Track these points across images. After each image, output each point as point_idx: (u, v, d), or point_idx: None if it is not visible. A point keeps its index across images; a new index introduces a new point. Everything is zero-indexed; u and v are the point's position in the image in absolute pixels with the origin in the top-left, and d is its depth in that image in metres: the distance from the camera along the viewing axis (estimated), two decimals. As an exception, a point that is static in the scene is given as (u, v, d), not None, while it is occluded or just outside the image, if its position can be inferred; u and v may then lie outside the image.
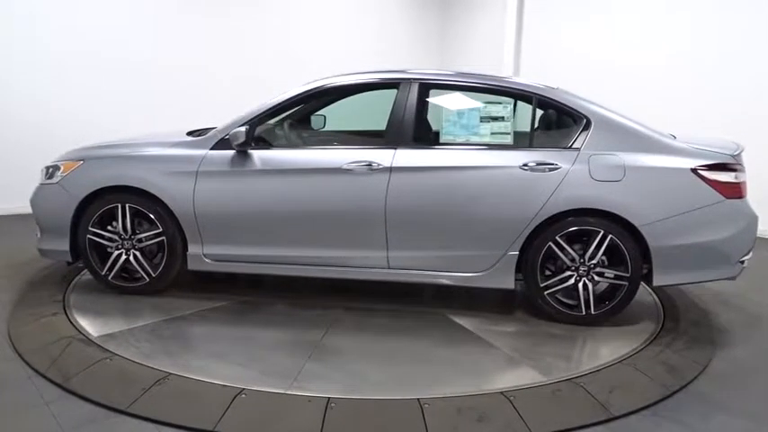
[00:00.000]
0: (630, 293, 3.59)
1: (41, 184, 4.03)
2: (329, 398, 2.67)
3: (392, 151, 3.65)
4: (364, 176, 3.63)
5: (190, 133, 4.11)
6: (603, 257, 3.59)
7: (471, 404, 2.68)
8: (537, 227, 3.56)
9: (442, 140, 3.72)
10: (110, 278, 3.94)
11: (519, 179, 3.55)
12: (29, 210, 4.06)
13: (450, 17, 9.53)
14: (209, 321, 3.63)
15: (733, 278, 3.68)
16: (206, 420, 2.49)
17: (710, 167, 3.49)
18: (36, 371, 2.92)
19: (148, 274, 3.90)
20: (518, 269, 3.66)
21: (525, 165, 3.55)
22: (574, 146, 3.60)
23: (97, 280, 4.00)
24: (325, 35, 8.38)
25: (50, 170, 4.01)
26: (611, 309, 3.62)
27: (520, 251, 3.61)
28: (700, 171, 3.48)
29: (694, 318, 4.03)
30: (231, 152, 3.76)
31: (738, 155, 3.60)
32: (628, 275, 3.54)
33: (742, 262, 3.62)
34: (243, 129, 3.65)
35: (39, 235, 4.04)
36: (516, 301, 4.04)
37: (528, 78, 4.11)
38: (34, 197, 4.03)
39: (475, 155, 3.65)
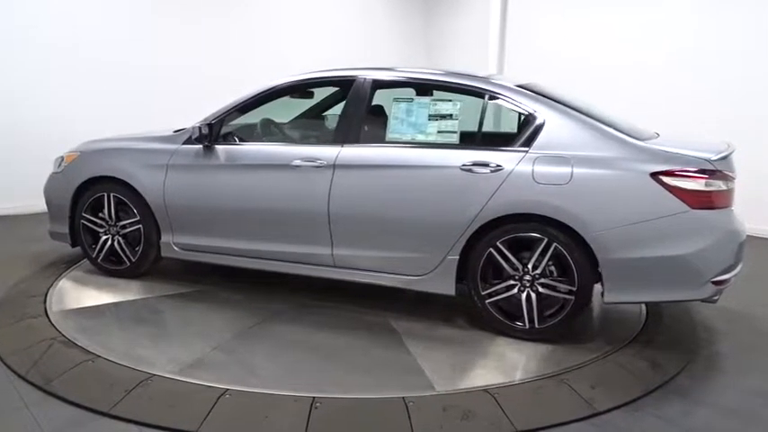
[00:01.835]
0: (577, 308, 3.26)
1: (52, 173, 4.53)
2: (314, 397, 2.67)
3: (338, 148, 3.64)
4: (310, 173, 3.65)
5: (176, 131, 4.38)
6: (552, 268, 3.31)
7: (456, 402, 2.69)
8: (477, 231, 3.36)
9: (388, 138, 3.62)
10: (99, 260, 4.33)
11: (458, 180, 3.37)
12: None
13: (434, 15, 9.31)
14: (161, 305, 3.86)
15: (709, 300, 3.21)
16: (190, 421, 2.49)
17: (673, 172, 3.07)
18: (17, 373, 2.89)
19: (129, 259, 4.24)
20: (463, 275, 3.48)
21: (465, 165, 3.36)
22: (523, 146, 3.34)
23: (89, 261, 4.41)
24: (311, 35, 8.44)
25: (59, 161, 4.50)
26: (557, 324, 3.31)
27: (461, 256, 3.43)
28: (660, 176, 3.08)
29: (676, 314, 3.90)
30: (198, 147, 3.97)
31: (720, 160, 3.12)
32: (574, 289, 3.23)
33: (719, 282, 3.13)
34: (198, 125, 3.85)
35: (49, 219, 4.55)
36: (463, 309, 3.81)
37: (489, 74, 3.92)
38: (46, 185, 4.55)
39: (416, 153, 3.52)
